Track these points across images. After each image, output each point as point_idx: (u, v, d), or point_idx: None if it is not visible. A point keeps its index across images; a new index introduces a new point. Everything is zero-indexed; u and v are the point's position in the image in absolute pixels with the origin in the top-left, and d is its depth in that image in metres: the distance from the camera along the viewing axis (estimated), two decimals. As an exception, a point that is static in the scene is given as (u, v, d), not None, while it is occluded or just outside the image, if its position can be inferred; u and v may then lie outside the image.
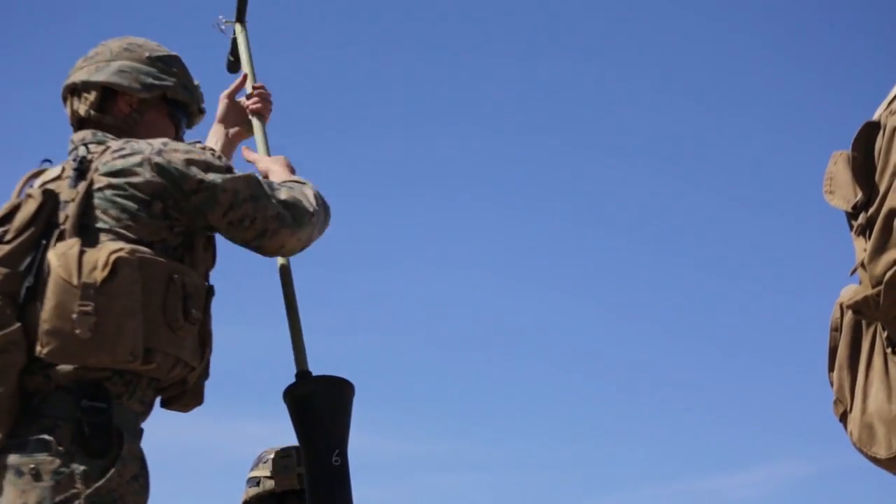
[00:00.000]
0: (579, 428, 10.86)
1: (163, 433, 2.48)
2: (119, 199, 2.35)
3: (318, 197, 2.61)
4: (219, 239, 2.59)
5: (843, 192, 2.08)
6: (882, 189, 1.95)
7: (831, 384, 2.18)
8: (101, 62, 2.63)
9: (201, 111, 2.84)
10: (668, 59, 11.76)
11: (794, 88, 11.61)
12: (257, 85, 3.16)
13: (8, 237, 2.32)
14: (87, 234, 2.32)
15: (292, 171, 2.83)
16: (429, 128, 11.71)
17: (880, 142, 1.99)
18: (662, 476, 10.40)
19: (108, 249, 2.25)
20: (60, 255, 2.24)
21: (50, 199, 2.37)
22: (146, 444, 2.42)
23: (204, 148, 2.51)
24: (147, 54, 2.67)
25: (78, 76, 2.64)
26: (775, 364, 11.47)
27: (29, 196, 2.38)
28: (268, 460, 3.60)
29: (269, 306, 2.88)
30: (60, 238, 2.31)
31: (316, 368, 2.81)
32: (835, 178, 2.10)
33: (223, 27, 3.28)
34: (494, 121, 11.76)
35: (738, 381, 11.33)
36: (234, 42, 3.25)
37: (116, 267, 2.22)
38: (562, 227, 12.03)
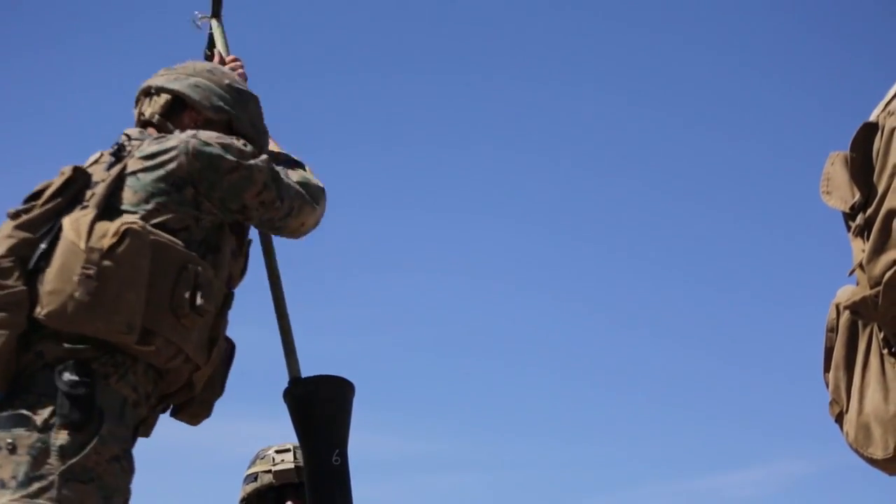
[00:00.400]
0: (579, 428, 10.88)
1: (162, 433, 2.48)
2: (150, 182, 2.38)
3: (315, 176, 2.70)
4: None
5: (840, 192, 2.08)
6: (881, 190, 1.95)
7: (827, 385, 2.18)
8: (182, 75, 2.69)
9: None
10: (657, 71, 11.79)
11: (785, 92, 11.63)
12: (230, 58, 3.13)
13: (34, 210, 2.34)
14: (111, 213, 2.33)
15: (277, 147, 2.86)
16: (429, 138, 11.75)
17: (878, 143, 1.99)
18: (662, 476, 10.41)
19: (120, 220, 2.28)
20: (73, 220, 2.27)
21: (80, 176, 2.40)
22: (148, 444, 2.42)
23: (233, 137, 2.53)
24: (227, 81, 2.72)
25: (155, 81, 2.69)
26: (774, 364, 11.49)
27: (61, 173, 2.41)
28: (265, 456, 3.61)
29: (268, 305, 2.88)
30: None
31: (316, 368, 2.81)
32: (832, 179, 2.10)
33: (199, 23, 3.28)
34: (492, 133, 11.81)
35: (738, 381, 11.36)
36: (211, 37, 3.25)
37: (124, 236, 2.24)
38: (564, 230, 12.05)
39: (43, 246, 2.27)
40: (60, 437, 2.18)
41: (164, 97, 2.65)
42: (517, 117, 11.75)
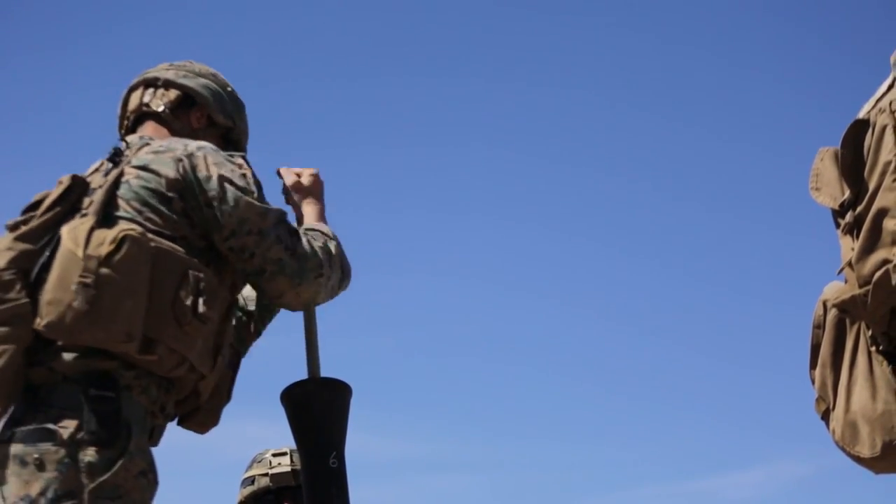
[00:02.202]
0: (579, 428, 10.88)
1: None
2: (142, 191, 2.33)
3: (339, 258, 2.50)
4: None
5: (829, 189, 2.06)
6: (871, 187, 1.93)
7: (813, 381, 2.17)
8: (189, 73, 2.66)
9: None
10: (654, 72, 11.80)
11: (776, 89, 11.64)
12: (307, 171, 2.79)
13: (33, 221, 2.30)
14: (109, 221, 2.29)
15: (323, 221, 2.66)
16: (428, 138, 11.76)
17: (869, 140, 1.98)
18: (662, 476, 10.41)
19: (119, 228, 2.24)
20: (72, 229, 2.22)
21: (78, 184, 2.36)
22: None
23: (240, 165, 2.44)
24: (230, 88, 2.72)
25: (163, 74, 2.65)
26: (773, 365, 11.49)
27: (59, 182, 2.38)
28: (262, 460, 3.61)
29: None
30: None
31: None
32: (821, 175, 2.08)
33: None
34: (493, 133, 11.82)
35: (737, 382, 11.36)
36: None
37: (122, 243, 2.20)
38: (563, 231, 12.06)
39: (45, 256, 2.23)
40: (89, 454, 2.14)
41: (175, 93, 2.63)
42: (516, 118, 11.76)
